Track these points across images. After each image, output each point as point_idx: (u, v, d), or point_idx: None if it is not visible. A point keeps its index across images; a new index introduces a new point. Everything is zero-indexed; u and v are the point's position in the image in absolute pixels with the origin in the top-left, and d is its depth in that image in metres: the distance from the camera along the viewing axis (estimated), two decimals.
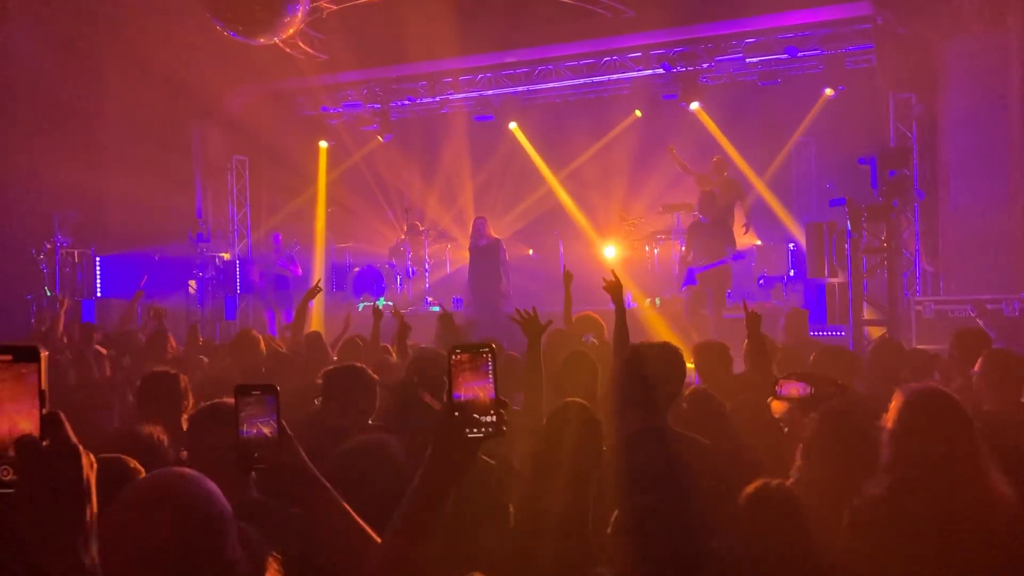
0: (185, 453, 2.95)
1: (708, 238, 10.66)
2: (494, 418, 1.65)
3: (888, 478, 2.60)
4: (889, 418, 2.68)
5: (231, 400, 1.78)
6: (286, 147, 15.10)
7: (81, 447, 1.23)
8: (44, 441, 1.20)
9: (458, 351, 1.67)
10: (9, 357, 1.22)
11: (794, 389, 3.64)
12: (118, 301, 12.15)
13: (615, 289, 5.35)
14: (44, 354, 1.23)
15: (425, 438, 1.70)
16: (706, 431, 3.48)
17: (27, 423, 1.20)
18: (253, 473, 2.45)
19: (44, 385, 1.22)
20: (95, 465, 1.25)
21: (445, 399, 1.67)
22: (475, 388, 1.65)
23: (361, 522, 1.83)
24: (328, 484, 1.83)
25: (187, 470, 1.78)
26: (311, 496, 1.82)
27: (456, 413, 1.64)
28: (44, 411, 1.21)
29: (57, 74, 11.61)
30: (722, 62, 12.85)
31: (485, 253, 11.72)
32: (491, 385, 1.66)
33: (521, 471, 3.13)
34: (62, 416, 1.22)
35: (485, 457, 2.76)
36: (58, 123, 12.04)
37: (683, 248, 11.46)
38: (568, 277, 7.11)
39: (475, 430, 1.64)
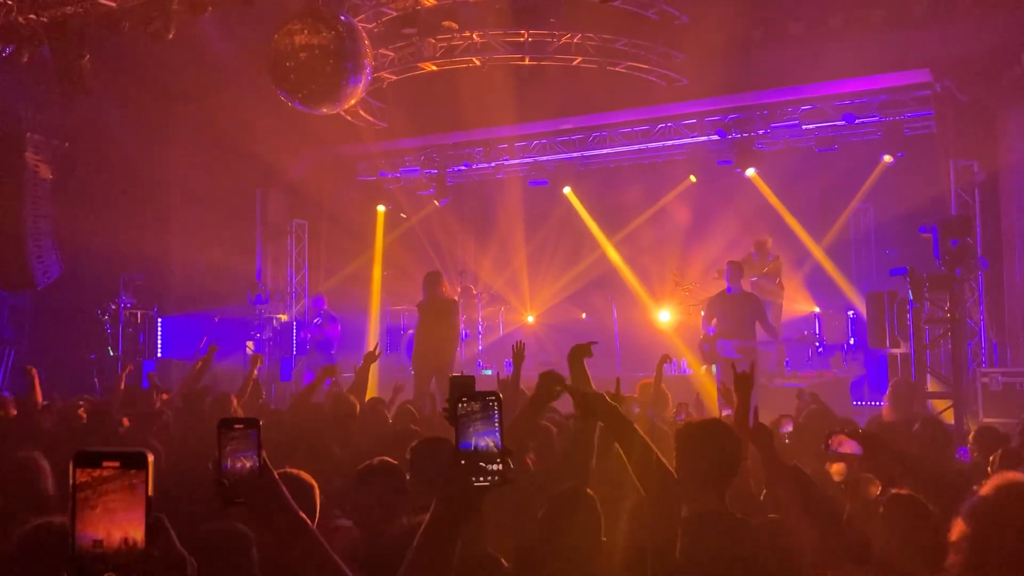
0: None
1: (737, 311, 10.13)
2: (500, 467, 1.66)
3: None
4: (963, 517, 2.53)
5: None
6: (345, 211, 15.43)
7: (185, 553, 1.25)
8: (150, 548, 1.23)
9: (465, 400, 1.69)
10: (117, 464, 1.24)
11: (848, 446, 3.53)
12: (178, 362, 12.41)
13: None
14: (151, 458, 1.26)
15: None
16: None
17: (136, 531, 1.23)
18: None
19: (151, 491, 1.24)
20: (196, 569, 1.27)
21: (452, 447, 1.69)
22: (483, 437, 1.67)
23: (340, 563, 1.79)
24: (307, 520, 1.79)
25: None
26: (290, 532, 1.78)
27: (462, 461, 1.66)
28: (150, 518, 1.24)
29: (126, 141, 12.06)
30: (778, 128, 12.83)
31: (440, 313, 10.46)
32: (498, 434, 1.67)
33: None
34: (167, 523, 1.26)
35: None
36: (126, 188, 12.50)
37: (703, 315, 10.90)
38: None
39: (481, 479, 1.65)
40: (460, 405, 1.68)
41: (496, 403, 1.68)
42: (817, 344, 12.98)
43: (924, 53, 10.43)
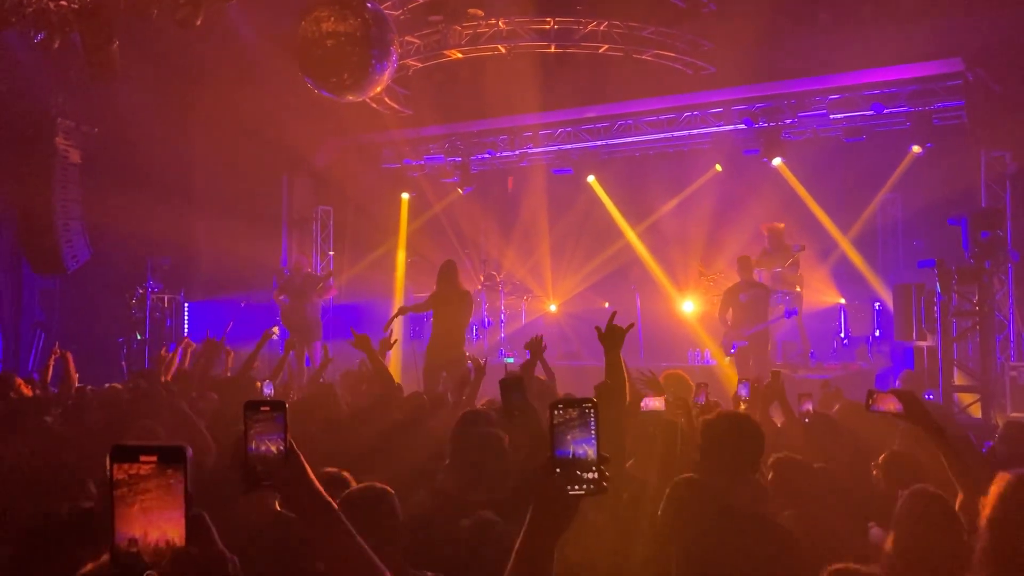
0: None
1: (747, 302, 11.08)
2: (596, 475, 1.65)
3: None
4: (988, 506, 2.49)
5: None
6: (370, 198, 15.50)
7: (226, 552, 1.24)
8: (190, 546, 1.21)
9: (561, 407, 1.67)
10: (154, 458, 1.20)
11: (890, 404, 3.50)
12: None
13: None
14: (189, 453, 1.23)
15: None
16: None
17: (175, 530, 1.20)
18: None
19: (189, 487, 1.21)
20: (237, 567, 1.26)
21: (547, 456, 1.67)
22: (580, 445, 1.66)
23: (368, 549, 1.77)
24: (335, 505, 1.78)
25: None
26: (317, 516, 1.77)
27: (558, 470, 1.65)
28: (190, 514, 1.21)
29: (154, 126, 12.14)
30: (805, 118, 12.71)
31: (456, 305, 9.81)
32: (595, 442, 1.66)
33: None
34: (207, 520, 1.24)
35: None
36: (154, 173, 12.58)
37: (720, 308, 11.67)
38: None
39: (577, 487, 1.65)
40: (556, 412, 1.67)
41: (593, 410, 1.67)
42: (843, 337, 12.90)
43: (957, 41, 10.27)
